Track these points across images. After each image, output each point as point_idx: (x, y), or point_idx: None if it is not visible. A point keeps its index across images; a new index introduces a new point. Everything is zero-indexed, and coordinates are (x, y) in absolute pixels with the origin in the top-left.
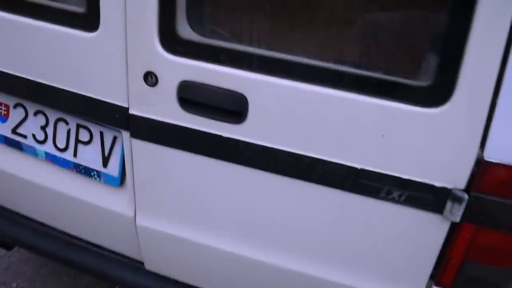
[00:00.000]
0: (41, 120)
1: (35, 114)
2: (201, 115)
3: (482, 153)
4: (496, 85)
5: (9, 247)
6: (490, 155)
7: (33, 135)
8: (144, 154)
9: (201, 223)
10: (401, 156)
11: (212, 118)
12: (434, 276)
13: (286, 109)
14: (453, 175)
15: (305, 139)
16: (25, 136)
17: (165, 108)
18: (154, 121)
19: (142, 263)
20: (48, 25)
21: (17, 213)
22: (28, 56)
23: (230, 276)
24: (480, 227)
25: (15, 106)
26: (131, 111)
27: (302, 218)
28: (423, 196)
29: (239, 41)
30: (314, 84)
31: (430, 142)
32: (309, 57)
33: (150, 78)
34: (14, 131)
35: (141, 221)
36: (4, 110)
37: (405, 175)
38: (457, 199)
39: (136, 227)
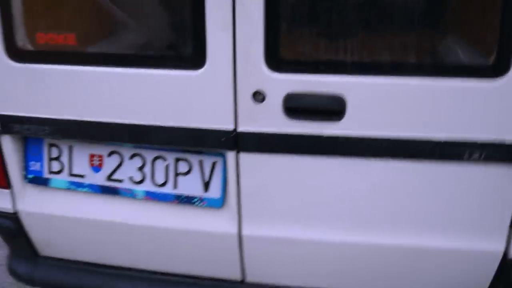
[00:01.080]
0: (137, 162)
1: (131, 157)
2: (305, 120)
3: None
4: None
5: None
6: None
7: (130, 178)
8: (252, 166)
9: (308, 219)
10: (477, 122)
11: (314, 120)
12: None
13: (379, 101)
14: None
15: (397, 124)
16: (121, 181)
17: (272, 120)
18: (262, 134)
19: (240, 282)
20: (150, 70)
21: (114, 267)
22: (127, 103)
23: (338, 267)
24: None
25: (109, 154)
26: (239, 129)
27: (401, 194)
28: (498, 152)
29: (334, 52)
30: (402, 76)
31: (494, 107)
32: (394, 56)
33: (258, 96)
34: (109, 178)
35: (248, 231)
36: (98, 161)
37: (482, 138)
38: None
39: (239, 242)
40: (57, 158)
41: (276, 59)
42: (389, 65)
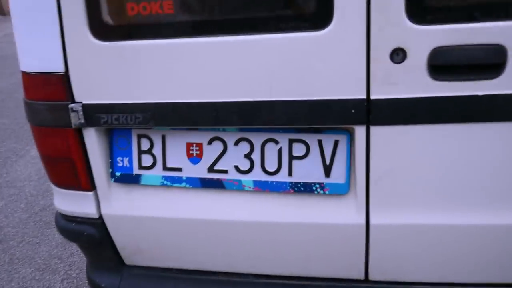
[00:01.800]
0: (244, 148)
1: (236, 143)
2: (454, 80)
3: None
4: None
5: None
6: None
7: (236, 167)
8: (385, 142)
9: (453, 201)
10: None
11: (466, 80)
12: None
13: None
14: None
15: None
16: (225, 171)
17: (413, 82)
18: (400, 101)
19: (364, 280)
20: (262, 36)
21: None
22: (236, 77)
23: (484, 257)
24: None
25: (209, 142)
26: (373, 97)
27: None
28: None
29: None
30: None
31: None
32: None
33: (397, 55)
34: (211, 169)
35: (377, 219)
36: (197, 150)
37: None
38: None
39: (366, 234)
40: (148, 151)
41: (420, 8)
42: None
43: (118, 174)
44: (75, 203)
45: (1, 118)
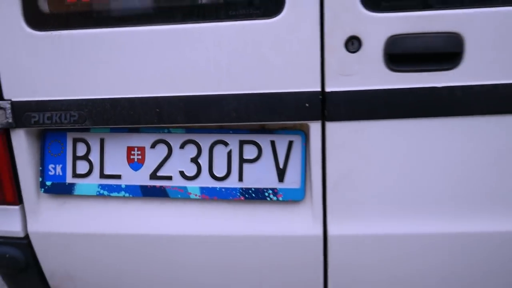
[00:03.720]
0: (191, 151)
1: (182, 146)
2: (411, 70)
3: None
4: None
5: None
6: None
7: (181, 173)
8: (342, 140)
9: (419, 207)
10: None
11: (424, 70)
12: None
13: (504, 37)
14: None
15: None
16: (169, 178)
17: (369, 73)
18: (356, 93)
19: None
20: (208, 24)
21: None
22: (181, 69)
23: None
24: None
25: (153, 145)
26: (328, 89)
27: None
28: None
29: None
30: None
31: None
32: None
33: (352, 44)
34: (154, 175)
35: (336, 230)
36: (138, 155)
37: None
38: None
39: (324, 246)
40: (84, 157)
41: None
42: None
43: (48, 183)
44: None
45: None
